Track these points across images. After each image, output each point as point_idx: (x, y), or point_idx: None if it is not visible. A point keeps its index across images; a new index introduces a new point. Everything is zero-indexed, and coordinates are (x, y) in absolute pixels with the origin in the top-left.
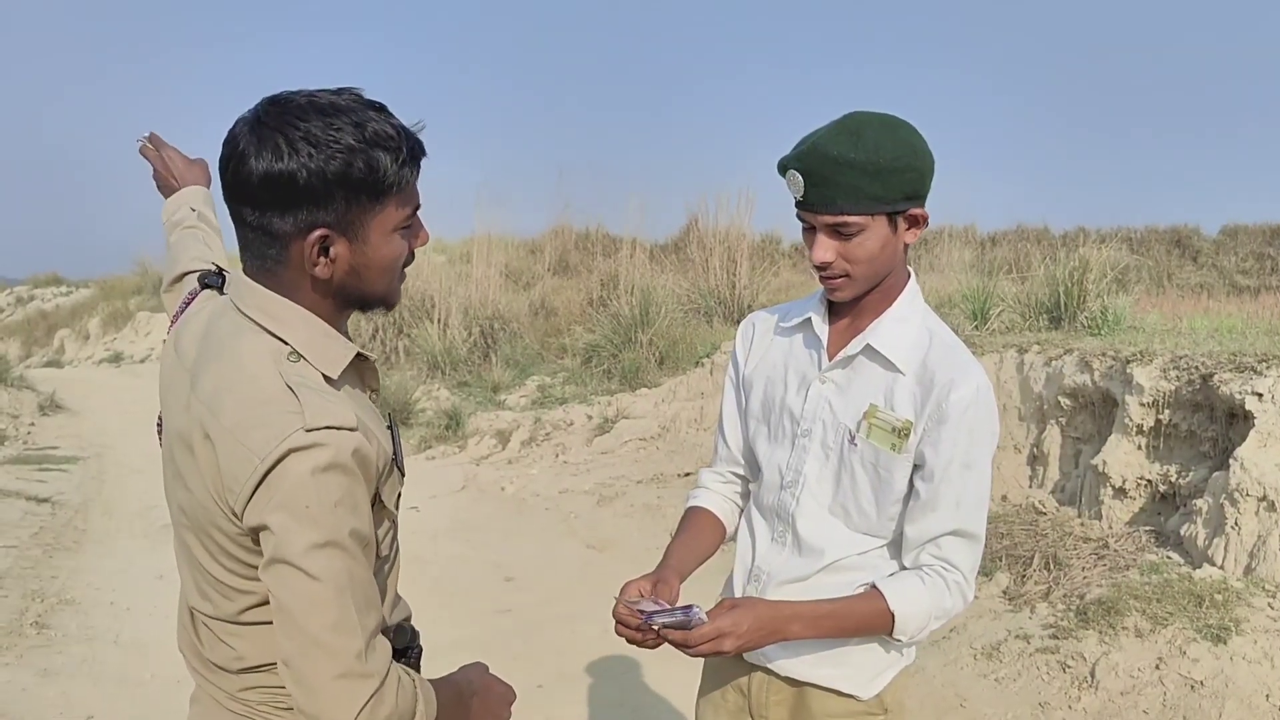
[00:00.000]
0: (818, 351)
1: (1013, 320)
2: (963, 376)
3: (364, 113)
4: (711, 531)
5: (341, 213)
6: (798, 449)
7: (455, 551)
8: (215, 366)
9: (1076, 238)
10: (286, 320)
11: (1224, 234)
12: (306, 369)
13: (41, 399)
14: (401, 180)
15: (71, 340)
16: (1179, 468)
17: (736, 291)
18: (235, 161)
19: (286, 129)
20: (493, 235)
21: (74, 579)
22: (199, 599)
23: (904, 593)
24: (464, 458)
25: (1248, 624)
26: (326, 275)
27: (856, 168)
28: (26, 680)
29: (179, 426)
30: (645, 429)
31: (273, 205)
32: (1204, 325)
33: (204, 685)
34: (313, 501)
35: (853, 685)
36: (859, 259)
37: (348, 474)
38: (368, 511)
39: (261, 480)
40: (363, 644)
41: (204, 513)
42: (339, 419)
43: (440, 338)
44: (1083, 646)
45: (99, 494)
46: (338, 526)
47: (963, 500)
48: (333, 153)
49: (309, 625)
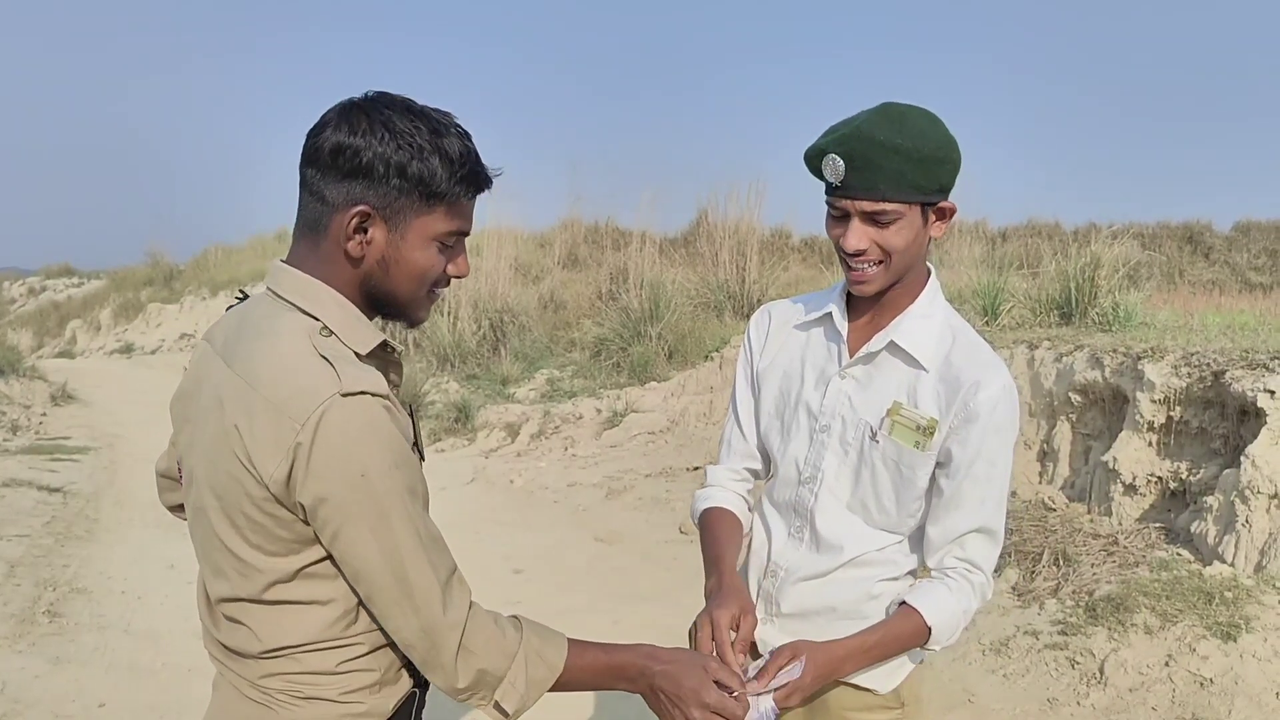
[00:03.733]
0: (838, 346)
1: (1023, 316)
2: (990, 375)
3: (447, 128)
4: (740, 533)
5: (390, 200)
6: (816, 444)
7: (464, 544)
8: (251, 344)
9: (1088, 233)
10: (320, 300)
11: (1236, 230)
12: (338, 344)
13: (53, 389)
14: (453, 194)
15: (83, 331)
16: (1190, 464)
17: (746, 285)
18: (318, 128)
19: (373, 114)
20: (503, 228)
21: (86, 568)
22: (217, 580)
23: (936, 605)
24: (473, 450)
25: (1258, 621)
26: (358, 254)
27: (902, 154)
28: (39, 668)
29: (206, 403)
30: (654, 423)
31: (333, 171)
32: (1216, 322)
33: (224, 673)
34: (366, 467)
35: (871, 679)
36: (895, 248)
37: (389, 434)
38: (416, 465)
39: (305, 448)
40: (440, 596)
41: (235, 485)
42: (373, 385)
43: (450, 331)
44: (1092, 643)
45: (110, 484)
46: (392, 487)
47: (987, 498)
48: (402, 144)
49: (387, 586)
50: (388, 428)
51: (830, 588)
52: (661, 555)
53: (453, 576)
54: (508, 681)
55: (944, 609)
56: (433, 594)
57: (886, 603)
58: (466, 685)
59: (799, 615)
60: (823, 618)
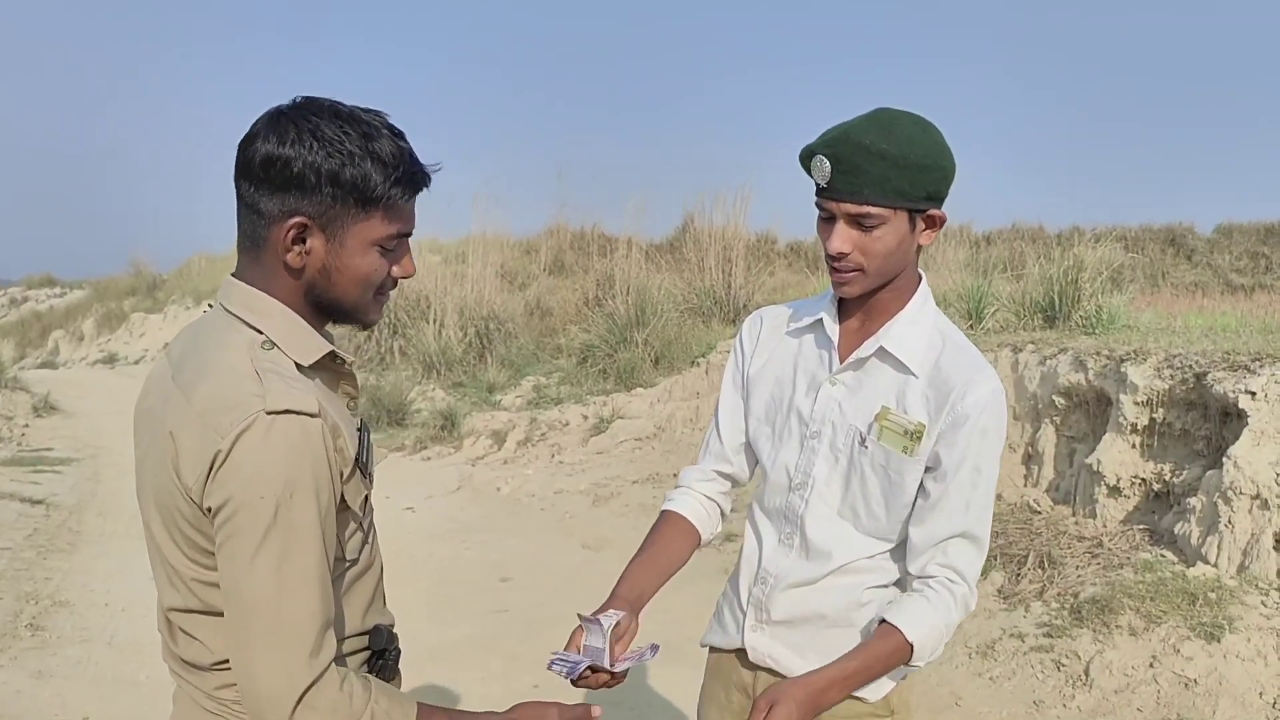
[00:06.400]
0: (828, 352)
1: (1007, 319)
2: (978, 379)
3: (378, 130)
4: (681, 540)
5: (325, 208)
6: (806, 450)
7: (451, 552)
8: (194, 358)
9: (1071, 237)
10: (265, 313)
11: (1218, 233)
12: (279, 356)
13: (35, 400)
14: (390, 197)
15: (66, 341)
16: (1173, 466)
17: (732, 291)
18: (247, 139)
19: (300, 122)
20: (488, 235)
21: (68, 580)
22: (170, 591)
23: (916, 620)
24: (460, 458)
25: (1241, 622)
26: (298, 265)
27: (887, 159)
28: (21, 682)
29: (154, 414)
30: (641, 429)
31: (266, 185)
32: (1198, 324)
33: (182, 685)
34: (267, 490)
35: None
36: (875, 253)
37: (305, 458)
38: (328, 496)
39: (218, 460)
40: (302, 641)
41: (169, 498)
42: (300, 404)
43: (435, 338)
44: (1077, 645)
45: (93, 495)
46: (288, 518)
47: (971, 503)
48: (332, 151)
49: (249, 615)
50: (309, 450)
51: (820, 595)
52: None
53: (322, 627)
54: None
55: (924, 623)
56: (294, 636)
57: (875, 610)
58: None
59: (788, 622)
60: (812, 625)
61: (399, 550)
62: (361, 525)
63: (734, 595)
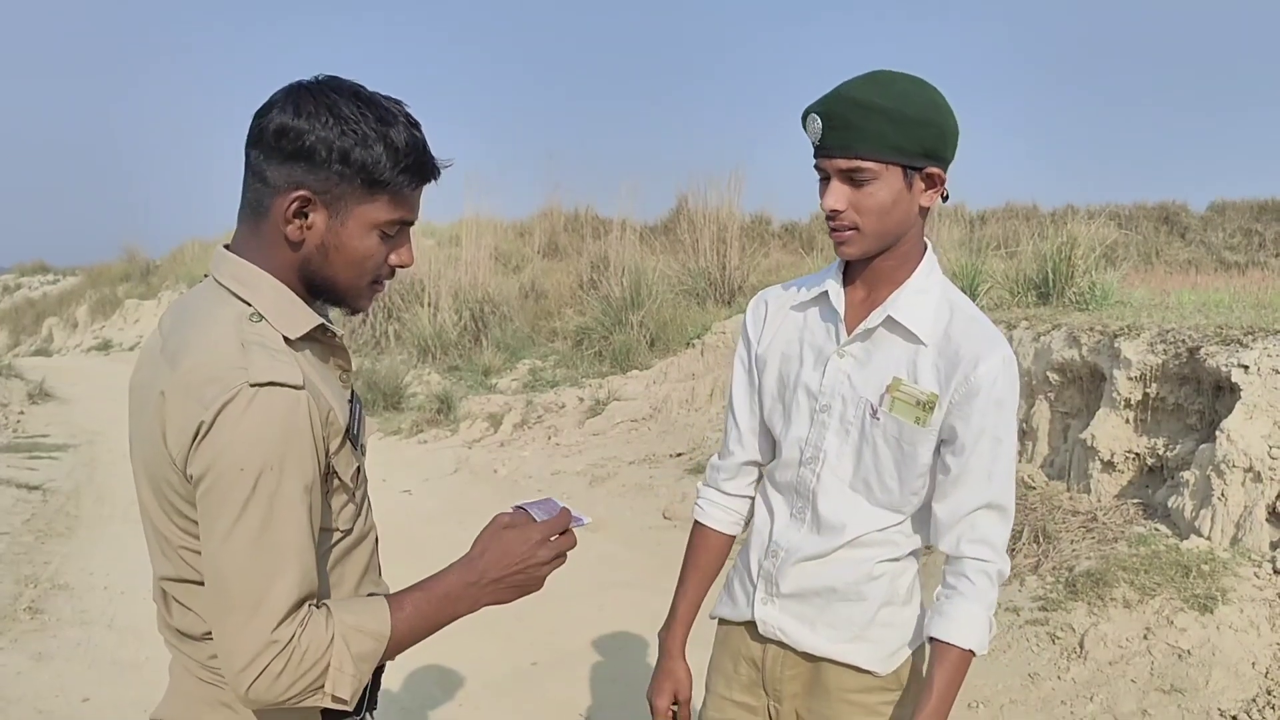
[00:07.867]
0: (835, 325)
1: (1001, 297)
2: (989, 349)
3: (395, 117)
4: (717, 554)
5: (331, 185)
6: (817, 424)
7: (448, 534)
8: (183, 330)
9: (1065, 215)
10: (255, 285)
11: (1212, 210)
12: (266, 329)
13: (30, 387)
14: (397, 183)
15: (60, 328)
16: (1166, 440)
17: (727, 272)
18: (264, 108)
19: (320, 97)
20: (482, 218)
21: (67, 564)
22: (162, 561)
23: (966, 627)
24: (456, 441)
25: (1234, 593)
26: (297, 238)
27: (878, 112)
28: (21, 664)
29: (145, 386)
30: (637, 410)
31: (276, 154)
32: (1191, 300)
33: (177, 656)
34: (248, 462)
35: (871, 661)
36: (869, 210)
37: (287, 431)
38: (311, 468)
39: (201, 430)
40: (281, 613)
41: (158, 468)
42: (284, 376)
43: (430, 321)
44: (1072, 618)
45: (90, 480)
46: (268, 490)
47: (994, 473)
48: (346, 130)
49: (227, 589)
50: (292, 423)
51: (830, 568)
52: (645, 541)
53: (297, 601)
54: (334, 668)
55: (974, 624)
56: (266, 610)
57: (887, 584)
58: (292, 694)
59: (798, 595)
60: (822, 598)
61: (397, 533)
62: (354, 497)
63: (744, 568)
